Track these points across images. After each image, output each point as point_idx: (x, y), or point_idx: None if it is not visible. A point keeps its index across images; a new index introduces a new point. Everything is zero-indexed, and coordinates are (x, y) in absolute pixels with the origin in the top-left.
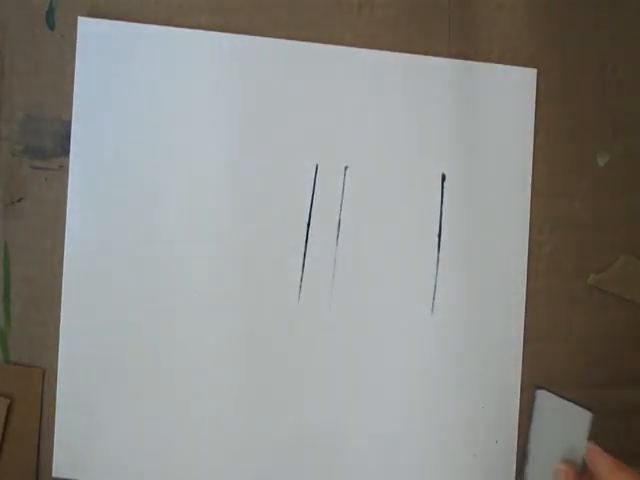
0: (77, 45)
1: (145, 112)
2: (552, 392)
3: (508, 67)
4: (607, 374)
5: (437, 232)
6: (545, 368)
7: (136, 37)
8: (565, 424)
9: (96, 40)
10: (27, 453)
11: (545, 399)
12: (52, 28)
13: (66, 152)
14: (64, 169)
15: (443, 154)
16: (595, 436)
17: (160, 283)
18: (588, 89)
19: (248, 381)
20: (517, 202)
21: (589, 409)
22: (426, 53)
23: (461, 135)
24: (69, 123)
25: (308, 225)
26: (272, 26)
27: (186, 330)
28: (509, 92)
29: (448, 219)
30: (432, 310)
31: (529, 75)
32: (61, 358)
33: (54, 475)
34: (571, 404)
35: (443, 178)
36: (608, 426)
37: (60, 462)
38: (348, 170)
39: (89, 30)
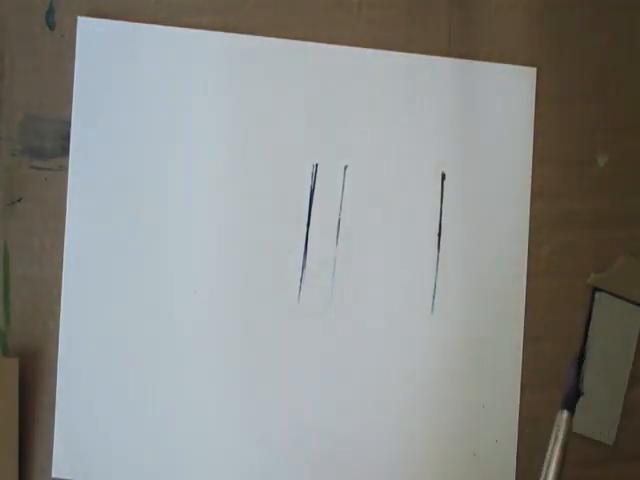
0: (77, 45)
1: (145, 112)
2: (608, 293)
3: (507, 66)
4: None
5: (437, 231)
6: (545, 368)
7: (136, 37)
8: (619, 321)
9: (96, 40)
10: (6, 444)
11: (603, 299)
12: (52, 28)
13: (66, 152)
14: (64, 169)
15: (443, 153)
16: None
17: (160, 283)
18: (588, 89)
19: (247, 380)
20: (517, 202)
21: None
22: (426, 53)
23: (461, 134)
24: (69, 123)
25: (308, 225)
26: (272, 26)
27: (186, 330)
28: (509, 91)
29: (448, 218)
30: (432, 310)
31: (529, 74)
32: (61, 358)
33: (54, 475)
34: (627, 302)
35: (443, 177)
36: None
37: (60, 462)
38: (348, 170)
39: (89, 30)
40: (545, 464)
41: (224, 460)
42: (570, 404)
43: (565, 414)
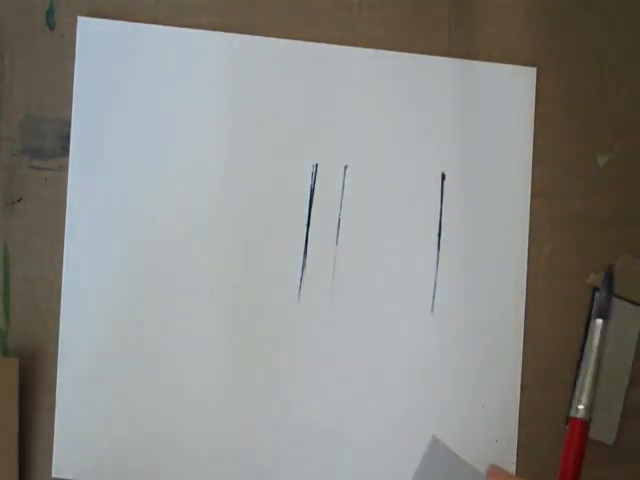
0: (77, 45)
1: (145, 112)
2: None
3: (507, 66)
4: None
5: (437, 231)
6: (545, 368)
7: (136, 37)
8: (619, 321)
9: (96, 40)
10: (6, 444)
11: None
12: (52, 28)
13: (66, 152)
14: (64, 169)
15: (443, 153)
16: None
17: (160, 283)
18: (588, 89)
19: (248, 380)
20: (517, 202)
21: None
22: (426, 53)
23: (461, 134)
24: (69, 123)
25: (308, 225)
26: (272, 26)
27: (186, 330)
28: (509, 91)
29: (448, 218)
30: (432, 310)
31: (529, 74)
32: (60, 358)
33: (54, 475)
34: (627, 302)
35: (443, 177)
36: None
37: (60, 462)
38: (348, 170)
39: (89, 30)
40: (582, 372)
41: (224, 459)
42: (603, 312)
43: (599, 322)
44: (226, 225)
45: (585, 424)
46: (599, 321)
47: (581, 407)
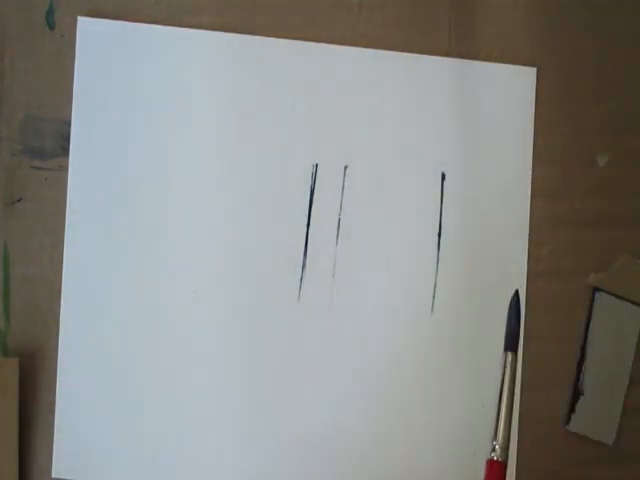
0: (77, 45)
1: (145, 112)
2: (608, 293)
3: (507, 66)
4: None
5: (437, 231)
6: (545, 368)
7: (136, 37)
8: (619, 321)
9: (96, 40)
10: (6, 444)
11: (603, 299)
12: (52, 28)
13: (66, 152)
14: (64, 169)
15: (443, 153)
16: None
17: (160, 282)
18: (588, 89)
19: (247, 381)
20: (517, 202)
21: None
22: (426, 53)
23: (461, 134)
24: (69, 123)
25: (308, 225)
26: (272, 26)
27: (186, 329)
28: (509, 91)
29: (448, 218)
30: (432, 310)
31: (528, 74)
32: (61, 358)
33: (54, 475)
34: (627, 302)
35: (443, 177)
36: None
37: (60, 462)
38: (348, 170)
39: (89, 30)
40: (496, 410)
41: (224, 459)
42: (511, 345)
43: (509, 355)
44: (226, 225)
45: (502, 464)
46: (510, 355)
47: (498, 447)
